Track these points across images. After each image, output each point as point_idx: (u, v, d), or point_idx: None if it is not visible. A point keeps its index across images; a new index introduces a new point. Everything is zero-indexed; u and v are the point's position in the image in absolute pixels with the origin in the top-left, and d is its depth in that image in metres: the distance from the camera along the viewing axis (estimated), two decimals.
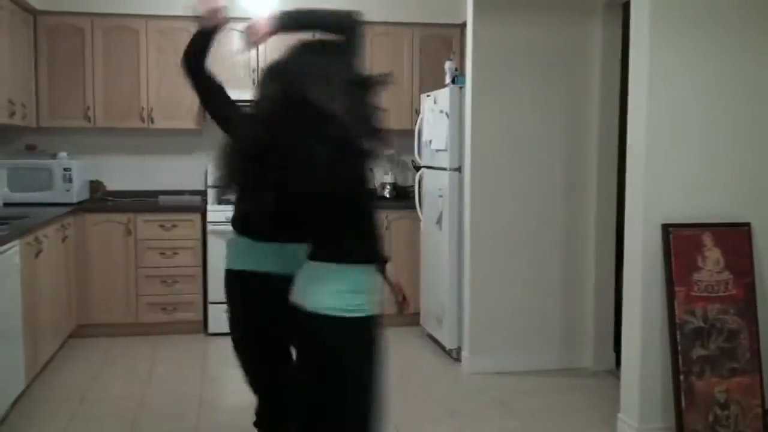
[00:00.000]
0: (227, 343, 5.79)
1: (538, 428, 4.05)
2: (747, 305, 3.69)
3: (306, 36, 2.34)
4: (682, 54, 3.65)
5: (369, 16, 6.66)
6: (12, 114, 5.19)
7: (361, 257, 2.15)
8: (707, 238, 3.69)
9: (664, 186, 3.67)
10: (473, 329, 4.94)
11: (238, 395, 4.62)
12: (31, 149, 6.03)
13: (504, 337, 4.96)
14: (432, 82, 6.03)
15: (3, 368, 3.85)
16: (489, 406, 4.34)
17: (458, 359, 5.11)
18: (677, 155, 3.68)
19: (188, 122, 6.05)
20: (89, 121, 5.93)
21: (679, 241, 3.64)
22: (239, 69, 6.12)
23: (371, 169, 2.27)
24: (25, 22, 5.60)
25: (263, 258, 2.53)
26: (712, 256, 3.68)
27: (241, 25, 2.56)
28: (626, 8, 4.10)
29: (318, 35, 2.41)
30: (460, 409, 4.29)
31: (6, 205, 5.50)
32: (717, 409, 3.61)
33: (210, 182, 6.09)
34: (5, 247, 3.96)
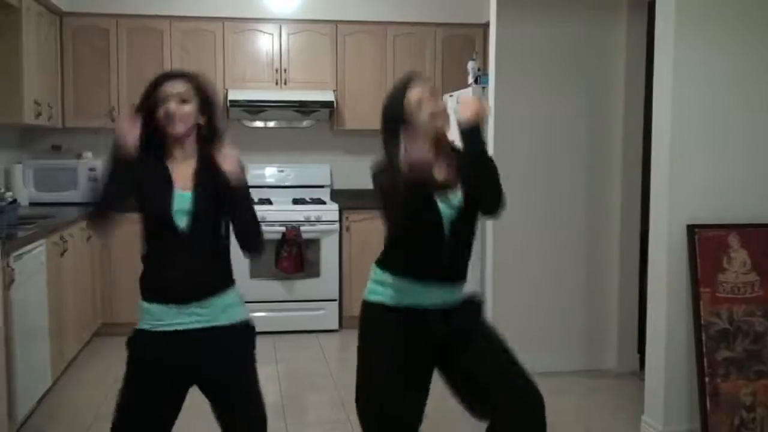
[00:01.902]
0: None
1: (561, 430, 4.02)
2: None
3: None
4: (707, 53, 3.62)
5: (392, 16, 6.73)
6: (38, 114, 5.25)
7: None
8: (733, 239, 3.65)
9: (690, 186, 3.64)
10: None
11: (263, 394, 4.64)
12: (56, 149, 6.09)
13: (527, 338, 4.91)
14: (455, 82, 6.02)
15: (29, 366, 3.90)
16: None
17: None
18: (703, 155, 3.65)
19: None
20: (114, 121, 5.97)
21: (704, 242, 3.61)
22: (263, 68, 6.17)
23: None
24: (51, 23, 5.66)
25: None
26: (739, 257, 3.64)
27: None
28: (651, 7, 4.06)
29: None
30: None
31: (32, 204, 5.56)
32: (743, 412, 3.57)
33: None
34: (31, 246, 4.01)
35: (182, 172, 2.48)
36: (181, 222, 2.44)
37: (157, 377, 2.49)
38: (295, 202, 6.19)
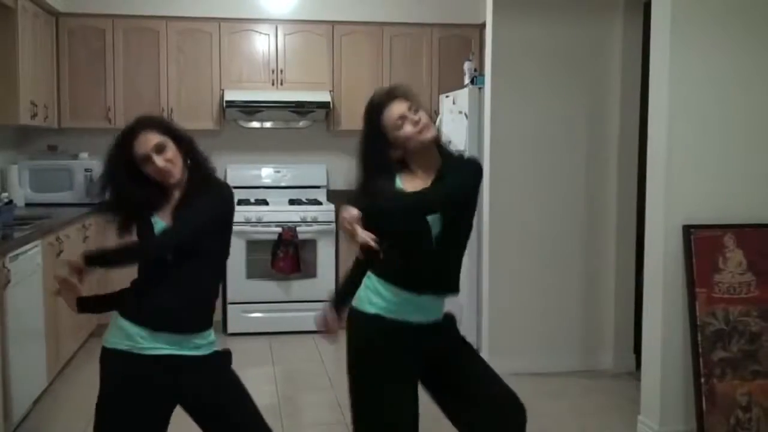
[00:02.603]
0: (246, 343, 5.83)
1: (557, 430, 4.02)
2: None
3: None
4: (703, 53, 3.62)
5: (388, 16, 6.72)
6: (34, 115, 5.24)
7: None
8: (729, 239, 3.65)
9: (685, 186, 3.64)
10: (492, 330, 4.92)
11: (257, 395, 4.62)
12: (52, 150, 6.08)
13: (523, 338, 4.94)
14: (451, 82, 6.02)
15: (25, 367, 3.89)
16: None
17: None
18: (699, 155, 3.65)
19: (207, 123, 6.07)
20: (110, 121, 5.97)
21: (700, 242, 3.61)
22: (259, 69, 6.16)
23: None
24: (47, 23, 5.65)
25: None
26: (735, 258, 3.65)
27: None
28: (647, 7, 4.07)
29: None
30: None
31: (28, 205, 5.55)
32: (739, 412, 3.57)
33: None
34: (28, 246, 4.00)
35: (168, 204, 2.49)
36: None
37: (142, 398, 2.48)
38: (292, 202, 6.19)
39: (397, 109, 2.50)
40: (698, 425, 3.56)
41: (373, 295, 2.56)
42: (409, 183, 2.54)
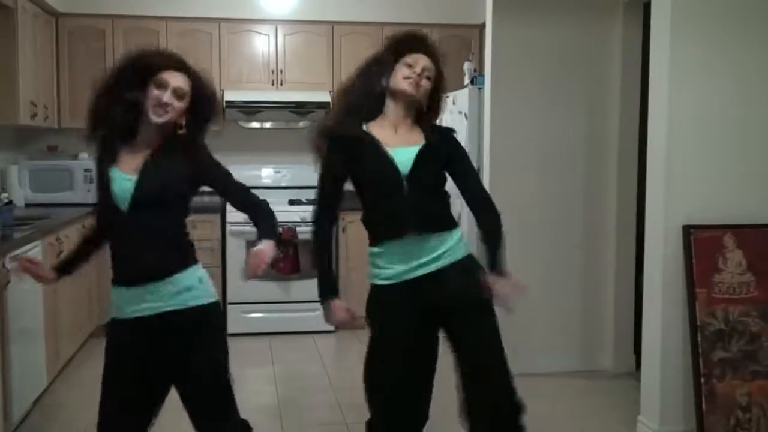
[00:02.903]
0: (246, 344, 5.83)
1: (557, 431, 4.02)
2: None
3: None
4: (703, 54, 3.62)
5: (388, 17, 6.72)
6: (34, 115, 5.24)
7: None
8: (729, 240, 3.66)
9: (685, 186, 3.64)
10: None
11: (257, 395, 4.64)
12: (52, 150, 6.08)
13: (522, 338, 4.92)
14: (451, 83, 5.95)
15: (25, 367, 3.89)
16: None
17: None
18: (698, 155, 3.65)
19: None
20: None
21: (700, 243, 3.61)
22: (259, 69, 6.17)
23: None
24: (47, 23, 5.65)
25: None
26: (734, 258, 3.65)
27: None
28: (647, 8, 4.07)
29: None
30: None
31: (28, 205, 5.55)
32: (739, 412, 3.57)
33: None
34: (28, 247, 4.00)
35: (135, 156, 2.49)
36: (123, 205, 2.44)
37: (126, 365, 2.52)
38: (291, 203, 6.18)
39: (417, 60, 2.68)
40: (698, 425, 3.56)
41: (372, 267, 2.71)
42: (377, 130, 2.70)
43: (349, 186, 2.81)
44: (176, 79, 2.47)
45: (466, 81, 5.28)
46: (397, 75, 2.67)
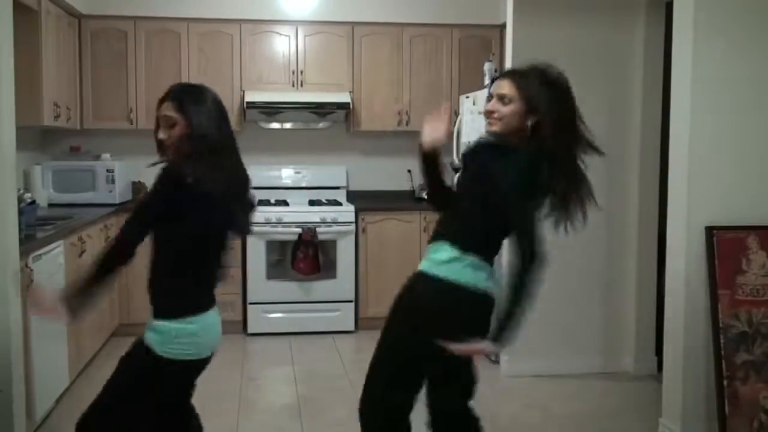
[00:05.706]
0: (266, 343, 5.85)
1: None
2: None
3: None
4: (726, 54, 3.59)
5: (408, 17, 6.70)
6: (57, 116, 5.29)
7: None
8: (752, 241, 3.62)
9: (708, 187, 3.61)
10: None
11: (277, 395, 4.66)
12: (75, 151, 6.13)
13: (543, 340, 4.91)
14: (471, 83, 6.01)
15: (47, 366, 3.93)
16: (528, 410, 4.30)
17: (497, 362, 5.08)
18: (721, 156, 3.62)
19: None
20: (132, 123, 6.02)
21: (723, 244, 3.58)
22: (279, 70, 6.18)
23: None
24: (70, 25, 5.70)
25: None
26: (758, 259, 3.61)
27: None
28: (669, 7, 4.03)
29: None
30: (499, 412, 4.26)
31: (50, 205, 5.60)
32: (762, 416, 3.54)
33: None
34: (50, 247, 4.04)
35: None
36: None
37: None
38: (312, 203, 6.20)
39: (499, 86, 2.81)
40: (720, 428, 3.53)
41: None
42: None
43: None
44: (165, 110, 2.63)
45: (487, 81, 5.26)
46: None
